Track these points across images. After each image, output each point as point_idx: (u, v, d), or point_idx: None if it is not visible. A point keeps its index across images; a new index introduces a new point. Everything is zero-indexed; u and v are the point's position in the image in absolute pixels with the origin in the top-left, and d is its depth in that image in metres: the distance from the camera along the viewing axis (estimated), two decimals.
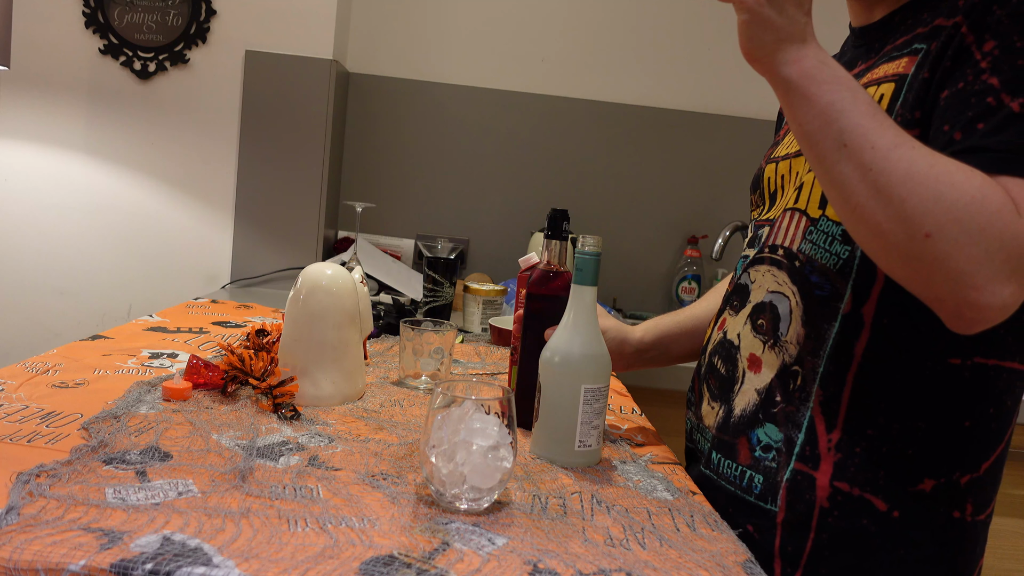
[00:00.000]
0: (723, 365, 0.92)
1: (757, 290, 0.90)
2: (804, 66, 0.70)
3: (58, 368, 1.07)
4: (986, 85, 0.70)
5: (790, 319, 0.84)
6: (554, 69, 2.30)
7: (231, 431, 0.88)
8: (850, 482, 0.80)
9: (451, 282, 1.63)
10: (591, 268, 0.89)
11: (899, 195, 0.66)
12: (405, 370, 1.18)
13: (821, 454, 0.81)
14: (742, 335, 0.91)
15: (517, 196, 2.32)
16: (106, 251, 2.02)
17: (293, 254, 2.03)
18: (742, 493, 0.87)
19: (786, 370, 0.84)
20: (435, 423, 0.74)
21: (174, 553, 0.59)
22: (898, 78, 0.78)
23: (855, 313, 0.80)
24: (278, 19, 1.97)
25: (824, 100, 0.70)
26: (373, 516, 0.70)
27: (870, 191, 0.68)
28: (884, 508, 0.79)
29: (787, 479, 0.83)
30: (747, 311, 0.91)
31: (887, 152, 0.67)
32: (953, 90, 0.72)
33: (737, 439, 0.88)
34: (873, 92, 0.79)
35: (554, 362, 0.89)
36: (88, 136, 1.98)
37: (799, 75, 0.71)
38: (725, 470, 0.90)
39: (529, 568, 0.64)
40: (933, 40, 0.76)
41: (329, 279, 1.01)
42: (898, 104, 0.77)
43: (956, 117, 0.71)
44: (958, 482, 0.79)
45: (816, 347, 0.82)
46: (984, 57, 0.71)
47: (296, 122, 1.99)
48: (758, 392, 0.86)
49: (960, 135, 0.70)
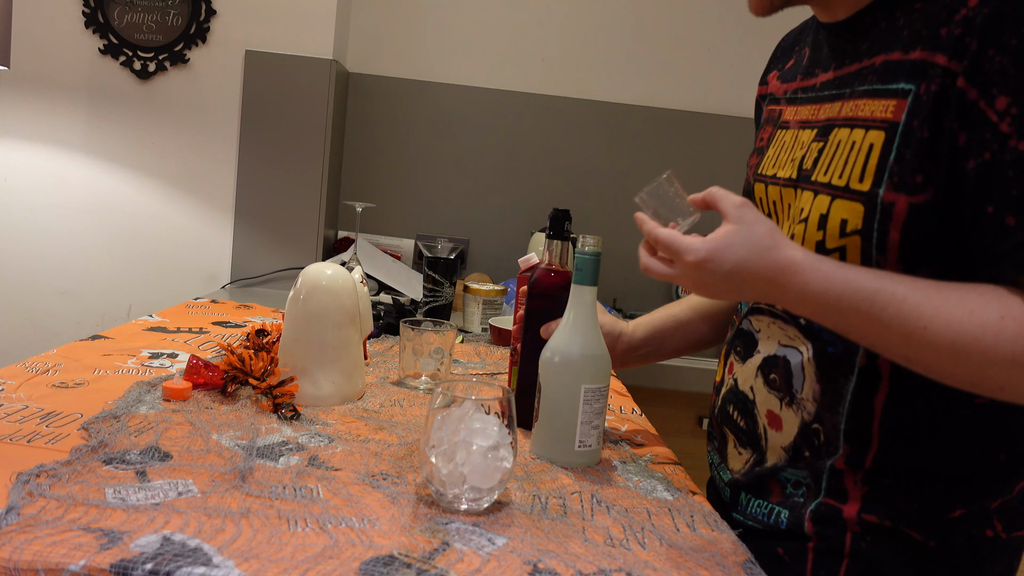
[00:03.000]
0: (742, 419, 0.89)
1: (766, 341, 0.86)
2: (787, 309, 0.75)
3: (58, 368, 1.07)
4: (1018, 154, 0.65)
5: (803, 375, 0.81)
6: (554, 69, 2.30)
7: (231, 431, 0.88)
8: (879, 515, 0.77)
9: (451, 282, 1.63)
10: (591, 268, 0.89)
11: (946, 373, 0.69)
12: (405, 370, 1.18)
13: (848, 488, 0.79)
14: (756, 389, 0.87)
15: (517, 196, 2.32)
16: (106, 251, 2.02)
17: (293, 254, 2.03)
18: (769, 529, 0.85)
19: (807, 428, 0.81)
20: (435, 423, 0.74)
21: (174, 553, 0.59)
22: (888, 126, 0.73)
23: (871, 366, 0.76)
24: (278, 19, 1.97)
25: (830, 326, 0.73)
26: (373, 516, 0.70)
27: (922, 370, 0.70)
28: (920, 539, 0.77)
29: (811, 510, 0.80)
30: (756, 362, 0.87)
31: (906, 350, 0.69)
32: (980, 161, 0.67)
33: (768, 481, 0.86)
34: (860, 138, 0.75)
35: (554, 362, 0.88)
36: (88, 136, 1.98)
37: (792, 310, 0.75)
38: (753, 510, 0.87)
39: (529, 568, 0.64)
40: (922, 81, 0.70)
41: (329, 279, 1.01)
42: (891, 159, 0.72)
43: (1001, 197, 0.66)
44: (988, 507, 0.77)
45: (834, 403, 0.78)
46: (1002, 118, 0.66)
47: (296, 122, 1.99)
48: (784, 450, 0.84)
49: (1014, 220, 0.66)
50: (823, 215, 0.77)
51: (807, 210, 0.80)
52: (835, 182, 0.77)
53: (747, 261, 0.72)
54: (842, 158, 0.77)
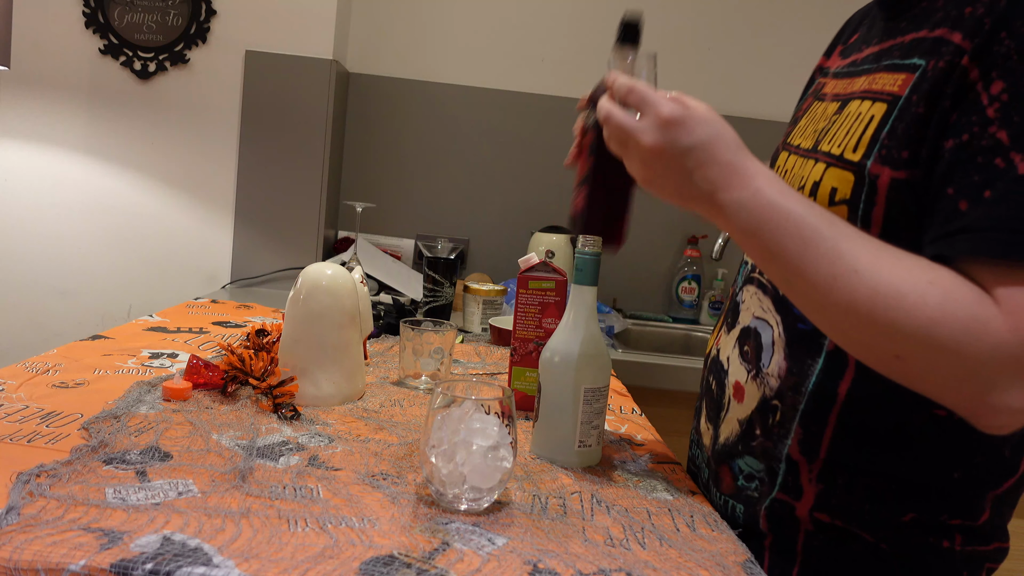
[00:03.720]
0: (715, 387, 0.90)
1: (745, 312, 0.86)
2: (723, 221, 0.69)
3: (58, 368, 1.07)
4: (995, 141, 0.63)
5: (772, 350, 0.80)
6: (554, 69, 2.30)
7: (231, 431, 0.88)
8: (831, 514, 0.76)
9: (451, 282, 1.63)
10: (591, 268, 0.89)
11: (853, 327, 0.65)
12: (405, 370, 1.18)
13: (803, 485, 0.77)
14: (731, 359, 0.87)
15: (517, 196, 2.32)
16: (106, 251, 2.02)
17: (293, 254, 2.03)
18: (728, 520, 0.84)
19: (766, 404, 0.80)
20: (435, 423, 0.74)
21: (174, 553, 0.59)
22: (891, 99, 0.71)
23: (839, 351, 0.74)
24: (278, 19, 1.97)
25: (755, 248, 0.68)
26: (373, 516, 0.70)
27: (827, 325, 0.67)
28: (871, 540, 0.76)
29: (766, 507, 0.80)
30: (736, 334, 0.87)
31: (827, 289, 0.64)
32: (958, 142, 0.65)
33: (720, 467, 0.87)
34: (866, 109, 0.74)
35: (554, 362, 0.88)
36: (88, 136, 1.98)
37: (723, 227, 0.70)
38: (713, 498, 0.88)
39: (529, 568, 0.64)
40: (933, 58, 0.69)
41: (329, 279, 1.01)
42: (884, 133, 0.70)
43: (962, 180, 0.64)
44: (946, 521, 0.75)
45: (798, 383, 0.77)
46: (991, 103, 0.64)
47: (296, 122, 1.99)
48: (740, 423, 0.84)
49: (966, 205, 0.63)
50: (816, 182, 0.76)
51: (806, 177, 0.79)
52: (833, 151, 0.76)
53: (716, 141, 0.68)
54: (845, 128, 0.76)
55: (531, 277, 1.09)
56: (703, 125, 0.69)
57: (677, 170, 0.69)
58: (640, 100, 0.71)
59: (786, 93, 2.13)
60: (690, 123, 0.68)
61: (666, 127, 0.69)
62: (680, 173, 0.69)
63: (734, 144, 0.69)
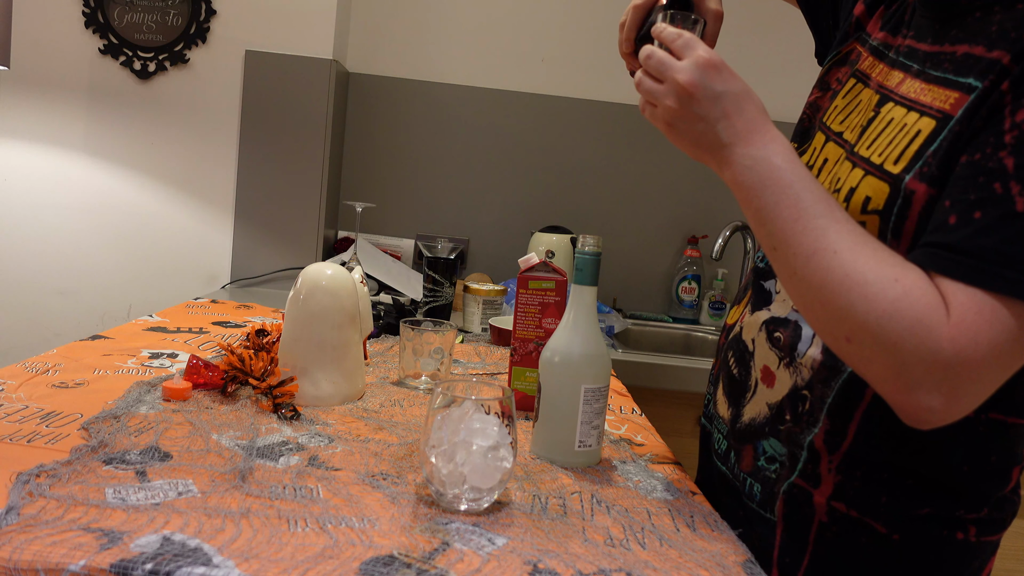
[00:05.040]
0: (736, 367, 0.91)
1: (781, 303, 0.87)
2: (731, 173, 0.73)
3: (58, 368, 1.07)
4: (1000, 165, 0.64)
5: (811, 343, 0.82)
6: (554, 69, 2.30)
7: (231, 431, 0.88)
8: (848, 503, 0.78)
9: (451, 282, 1.63)
10: (591, 268, 0.89)
11: (818, 301, 0.68)
12: (405, 370, 1.18)
13: (822, 474, 0.79)
14: (756, 342, 0.88)
15: (517, 196, 2.32)
16: (106, 251, 2.02)
17: (293, 254, 2.03)
18: (745, 499, 0.87)
19: (796, 392, 0.82)
20: (435, 423, 0.74)
21: (174, 553, 0.59)
22: (942, 117, 0.71)
23: None
24: (278, 19, 1.97)
25: (752, 206, 0.72)
26: (373, 516, 0.70)
27: (796, 295, 0.71)
28: (884, 531, 0.77)
29: (784, 491, 0.82)
30: (763, 317, 0.88)
31: (806, 260, 0.68)
32: (970, 159, 0.66)
33: (743, 446, 0.88)
34: (912, 121, 0.74)
35: (554, 362, 0.88)
36: (88, 136, 1.98)
37: (729, 181, 0.74)
38: (732, 470, 0.90)
39: (529, 568, 0.64)
40: (986, 79, 0.68)
41: (329, 279, 1.01)
42: (930, 151, 0.71)
43: (959, 195, 0.66)
44: (960, 516, 0.77)
45: (829, 377, 0.79)
46: (1012, 129, 0.64)
47: (296, 122, 1.99)
48: (770, 407, 0.85)
49: (955, 219, 0.65)
50: (852, 188, 0.77)
51: (843, 180, 0.79)
52: (874, 159, 0.76)
53: (746, 97, 0.73)
54: (888, 137, 0.76)
55: (531, 277, 1.09)
56: (737, 79, 0.73)
57: (703, 115, 0.73)
58: (685, 44, 0.73)
59: (786, 93, 2.12)
60: (726, 72, 0.72)
61: (705, 68, 0.72)
62: (705, 120, 0.73)
63: (761, 105, 0.73)
